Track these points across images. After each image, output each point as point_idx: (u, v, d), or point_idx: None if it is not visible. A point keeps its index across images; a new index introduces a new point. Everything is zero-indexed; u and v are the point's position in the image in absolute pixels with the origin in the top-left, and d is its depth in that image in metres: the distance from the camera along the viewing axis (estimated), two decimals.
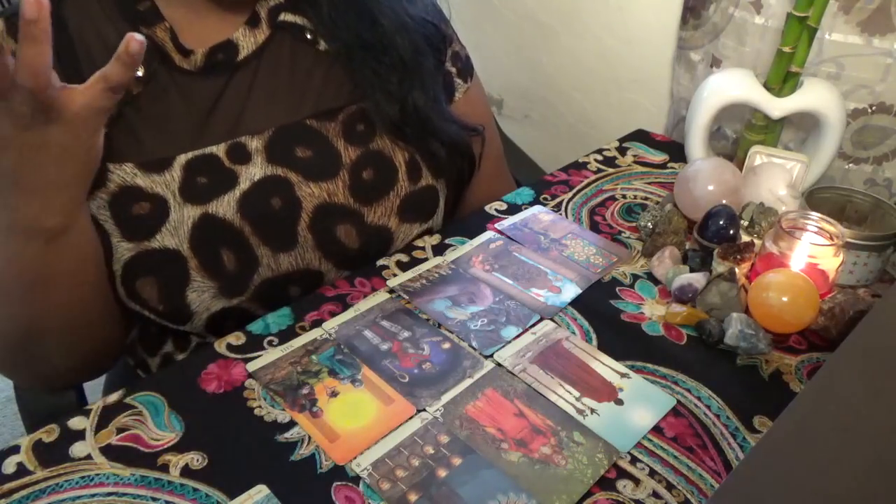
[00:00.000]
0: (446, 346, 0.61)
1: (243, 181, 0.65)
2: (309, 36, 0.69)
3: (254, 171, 0.65)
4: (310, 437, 0.52)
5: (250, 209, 0.64)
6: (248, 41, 0.66)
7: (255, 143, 0.66)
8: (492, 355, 0.60)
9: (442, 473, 0.49)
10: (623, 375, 0.58)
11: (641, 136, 0.98)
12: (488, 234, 0.76)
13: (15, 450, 0.51)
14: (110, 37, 0.63)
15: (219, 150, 0.64)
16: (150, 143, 0.63)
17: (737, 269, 0.64)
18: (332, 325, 0.63)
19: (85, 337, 0.64)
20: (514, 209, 0.81)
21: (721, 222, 0.67)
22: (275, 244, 0.66)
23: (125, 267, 0.62)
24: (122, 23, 0.63)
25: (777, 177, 0.75)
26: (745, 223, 0.71)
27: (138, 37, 0.49)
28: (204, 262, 0.63)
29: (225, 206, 0.63)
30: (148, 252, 0.62)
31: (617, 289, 0.68)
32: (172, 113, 0.64)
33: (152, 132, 0.63)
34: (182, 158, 0.63)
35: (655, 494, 0.49)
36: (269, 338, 0.62)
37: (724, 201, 0.70)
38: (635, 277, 0.70)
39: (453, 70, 0.80)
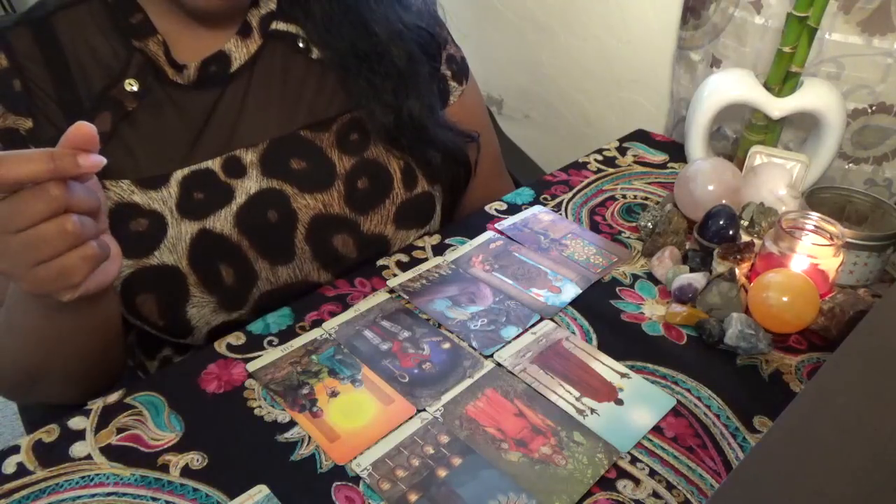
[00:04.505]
0: (446, 346, 0.61)
1: (239, 195, 0.64)
2: (301, 45, 0.69)
3: (249, 185, 0.65)
4: (310, 437, 0.52)
5: (247, 223, 0.64)
6: (240, 51, 0.66)
7: (249, 157, 0.65)
8: (492, 355, 0.60)
9: (442, 473, 0.49)
10: (623, 375, 0.58)
11: (641, 136, 0.98)
12: (488, 234, 0.76)
13: (15, 450, 0.51)
14: (103, 51, 0.62)
15: (214, 164, 0.64)
16: (146, 159, 0.63)
17: (737, 269, 0.64)
18: (332, 325, 0.63)
19: (92, 374, 0.63)
20: (514, 209, 0.81)
21: (721, 222, 0.67)
22: (272, 257, 0.65)
23: (124, 284, 0.61)
24: (115, 36, 0.63)
25: (777, 177, 0.74)
26: (745, 223, 0.71)
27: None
28: (203, 277, 0.62)
29: (222, 221, 0.63)
30: (147, 269, 0.61)
31: (617, 289, 0.68)
32: (168, 128, 0.64)
33: (148, 148, 0.63)
34: (178, 174, 0.63)
35: (655, 494, 0.49)
36: (269, 338, 0.62)
37: (724, 201, 0.70)
38: (635, 277, 0.70)
39: (448, 73, 0.79)
